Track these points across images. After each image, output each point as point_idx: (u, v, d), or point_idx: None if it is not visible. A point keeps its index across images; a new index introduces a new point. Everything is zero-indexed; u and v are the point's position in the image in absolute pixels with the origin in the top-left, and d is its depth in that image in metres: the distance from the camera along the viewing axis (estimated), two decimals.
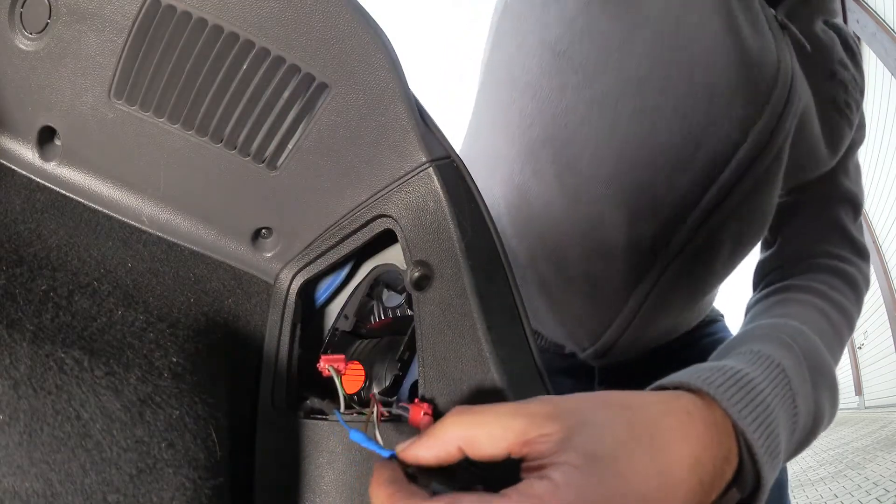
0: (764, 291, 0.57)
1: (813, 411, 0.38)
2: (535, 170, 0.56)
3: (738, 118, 0.49)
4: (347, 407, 0.35)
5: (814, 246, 0.60)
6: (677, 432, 0.28)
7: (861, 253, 0.60)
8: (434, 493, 0.25)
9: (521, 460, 0.26)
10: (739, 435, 0.31)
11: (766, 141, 0.49)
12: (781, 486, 0.64)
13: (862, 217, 0.64)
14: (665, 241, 0.52)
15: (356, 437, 0.30)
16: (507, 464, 0.26)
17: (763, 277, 0.61)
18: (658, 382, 0.34)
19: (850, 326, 0.54)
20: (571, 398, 0.28)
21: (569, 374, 0.65)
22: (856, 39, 0.61)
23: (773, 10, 0.52)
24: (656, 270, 0.53)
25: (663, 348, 0.63)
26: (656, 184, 0.51)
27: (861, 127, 0.64)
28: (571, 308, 0.57)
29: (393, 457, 0.28)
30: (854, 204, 0.63)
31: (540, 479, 0.25)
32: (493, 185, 0.60)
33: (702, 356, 0.61)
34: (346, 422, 0.32)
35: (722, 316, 0.74)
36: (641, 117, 0.50)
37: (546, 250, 0.56)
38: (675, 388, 0.33)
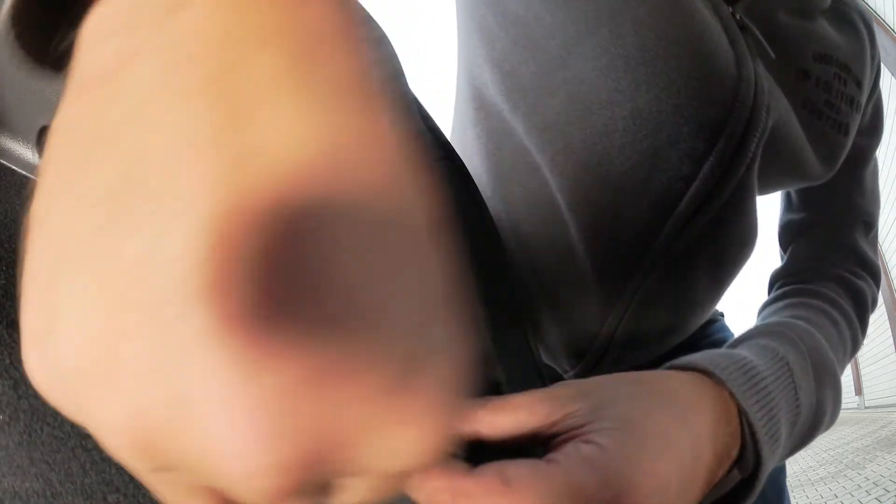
0: (775, 295, 0.56)
1: (815, 407, 0.39)
2: (503, 196, 0.53)
3: (686, 152, 0.43)
4: None
5: (826, 267, 0.58)
6: (695, 403, 0.29)
7: (873, 272, 0.58)
8: None
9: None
10: (743, 416, 0.31)
11: (721, 175, 0.44)
12: (781, 489, 0.63)
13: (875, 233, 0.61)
14: (632, 267, 0.49)
15: None
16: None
17: (773, 286, 0.60)
18: (668, 363, 0.35)
19: (856, 340, 0.53)
20: (589, 380, 0.29)
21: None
22: (857, 6, 0.54)
23: (730, 8, 0.45)
24: (626, 296, 0.50)
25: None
26: (617, 209, 0.48)
27: (874, 131, 0.59)
28: (548, 336, 0.55)
29: None
30: (869, 223, 0.60)
31: (586, 443, 0.25)
32: None
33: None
34: None
35: (722, 315, 0.73)
36: (593, 141, 0.46)
37: (522, 276, 0.55)
38: (683, 369, 0.34)
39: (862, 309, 0.56)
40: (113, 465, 0.31)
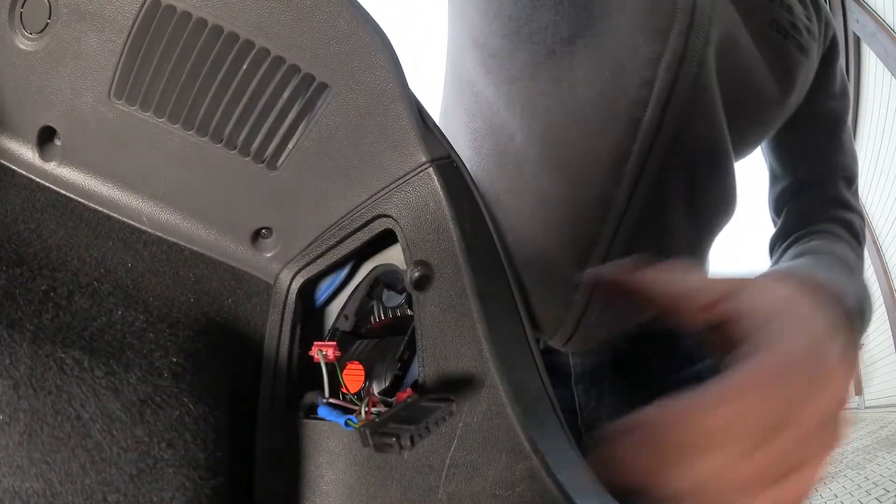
0: (781, 251, 0.61)
1: (859, 302, 0.47)
2: (479, 162, 0.57)
3: (645, 57, 0.49)
4: (334, 397, 0.36)
5: (818, 216, 0.63)
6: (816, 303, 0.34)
7: (859, 214, 0.64)
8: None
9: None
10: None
11: (675, 71, 0.49)
12: None
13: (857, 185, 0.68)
14: (608, 202, 0.51)
15: (322, 411, 0.32)
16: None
17: (773, 248, 0.65)
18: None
19: (862, 265, 0.60)
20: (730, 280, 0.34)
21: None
22: None
23: None
24: (605, 236, 0.51)
25: (637, 340, 0.61)
26: (587, 139, 0.51)
27: (844, 96, 0.65)
28: (533, 294, 0.55)
29: (355, 428, 0.29)
30: (849, 178, 0.66)
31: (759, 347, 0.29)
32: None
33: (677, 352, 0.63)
34: (332, 412, 0.33)
35: None
36: (560, 79, 0.51)
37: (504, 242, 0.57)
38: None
39: (857, 239, 0.62)
40: (113, 465, 0.31)
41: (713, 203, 0.56)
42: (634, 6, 0.49)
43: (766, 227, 0.70)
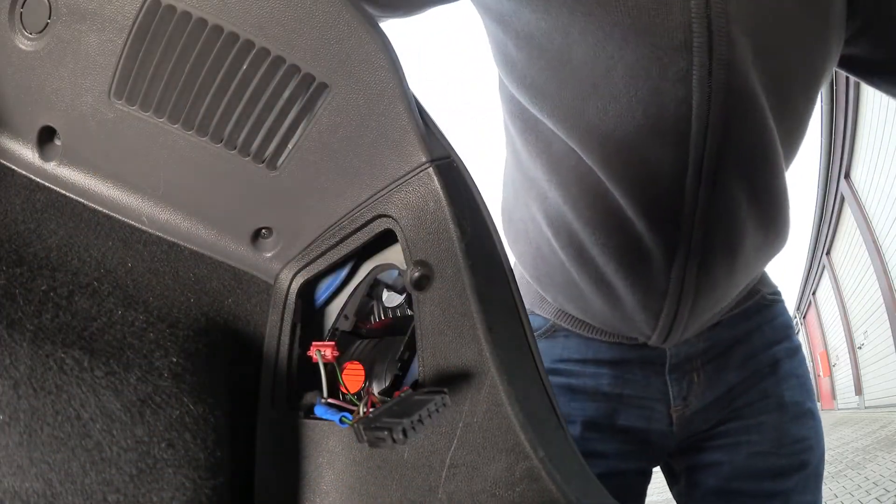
0: None
1: None
2: (559, 184, 0.60)
3: (676, 76, 0.51)
4: (333, 397, 0.36)
5: None
6: None
7: None
8: None
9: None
10: None
11: (708, 83, 0.50)
12: (818, 475, 0.67)
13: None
14: (676, 210, 0.54)
15: (319, 410, 0.33)
16: None
17: None
18: None
19: None
20: None
21: (641, 364, 0.67)
22: None
23: None
24: (683, 242, 0.55)
25: (727, 329, 0.66)
26: (645, 157, 0.53)
27: None
28: (624, 301, 0.60)
29: (349, 425, 0.29)
30: None
31: None
32: (530, 202, 0.65)
33: (766, 343, 0.67)
34: (328, 410, 0.33)
35: (780, 294, 0.75)
36: (605, 109, 0.53)
37: (588, 255, 0.60)
38: None
39: None
40: (113, 465, 0.31)
41: (774, 202, 0.58)
42: (649, 25, 0.50)
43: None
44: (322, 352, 0.36)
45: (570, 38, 0.53)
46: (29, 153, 0.39)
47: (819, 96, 0.61)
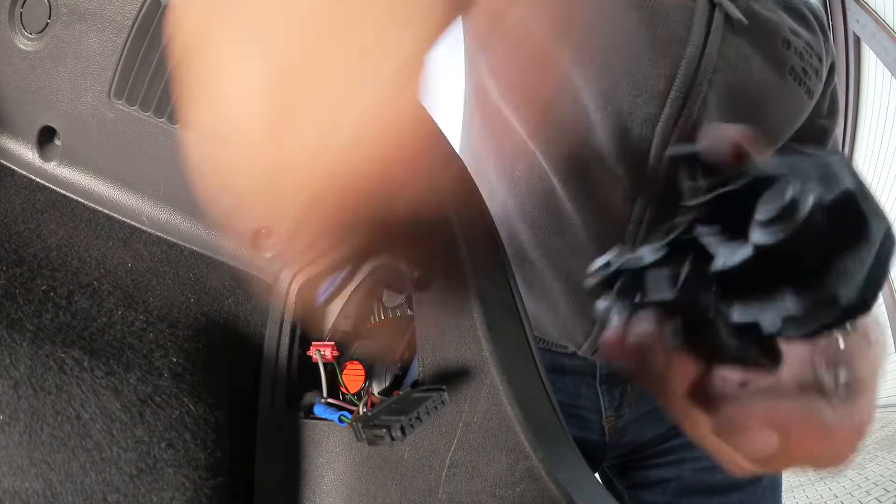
0: None
1: None
2: (508, 180, 0.61)
3: (643, 118, 0.53)
4: (333, 397, 0.36)
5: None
6: None
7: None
8: None
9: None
10: None
11: (668, 135, 0.53)
12: (776, 486, 0.65)
13: None
14: (623, 226, 0.56)
15: (318, 409, 0.33)
16: None
17: None
18: None
19: None
20: None
21: (572, 373, 0.66)
22: (810, 5, 0.62)
23: None
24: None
25: None
26: (601, 180, 0.55)
27: (833, 115, 0.66)
28: (559, 306, 0.60)
29: (348, 423, 0.29)
30: None
31: None
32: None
33: None
34: (328, 410, 0.33)
35: None
36: (576, 120, 0.55)
37: (527, 257, 0.61)
38: None
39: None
40: (113, 465, 0.31)
41: None
42: (637, 63, 0.52)
43: None
44: (322, 352, 0.36)
45: (559, 44, 0.54)
46: (29, 153, 0.39)
47: None
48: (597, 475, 0.70)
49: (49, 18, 0.34)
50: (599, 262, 0.27)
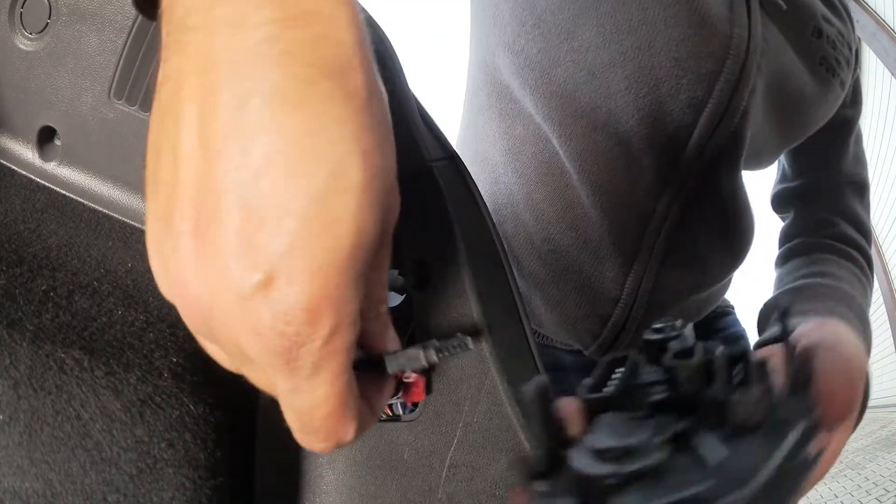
0: (794, 246, 0.62)
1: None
2: (516, 169, 0.56)
3: (686, 102, 0.48)
4: None
5: (828, 227, 0.63)
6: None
7: (864, 232, 0.64)
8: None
9: None
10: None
11: (718, 121, 0.48)
12: None
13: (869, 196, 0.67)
14: (644, 224, 0.52)
15: None
16: None
17: (783, 242, 0.65)
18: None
19: (870, 296, 0.60)
20: None
21: (572, 369, 0.64)
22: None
23: None
24: (645, 250, 0.53)
25: None
26: (625, 164, 0.51)
27: (856, 104, 0.64)
28: (567, 306, 0.57)
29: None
30: (858, 183, 0.65)
31: None
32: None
33: None
34: None
35: (733, 308, 0.74)
36: (599, 104, 0.50)
37: (535, 248, 0.57)
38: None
39: (870, 265, 0.62)
40: (113, 465, 0.31)
41: (738, 227, 0.57)
42: (682, 41, 0.46)
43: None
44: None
45: (582, 19, 0.48)
46: (29, 153, 0.39)
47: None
48: None
49: (49, 18, 0.34)
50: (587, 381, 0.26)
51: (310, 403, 0.21)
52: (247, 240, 0.17)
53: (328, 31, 0.18)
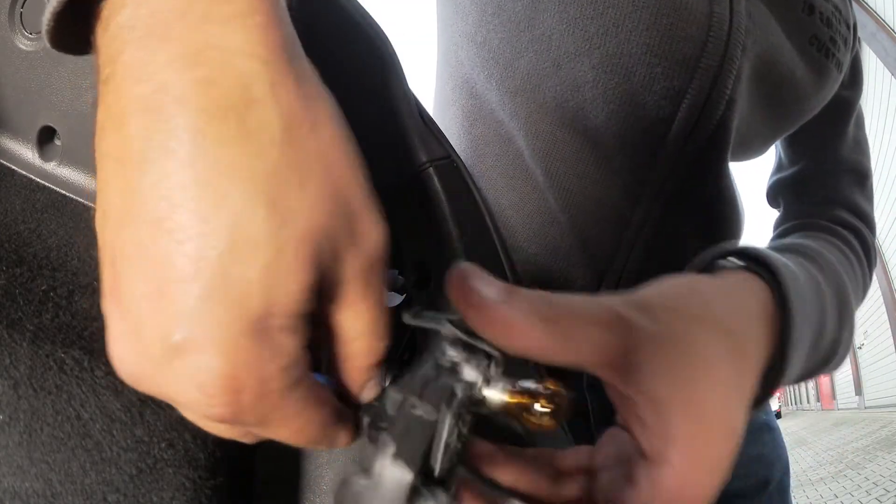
0: (790, 224, 0.56)
1: (830, 344, 0.37)
2: (481, 172, 0.52)
3: (662, 93, 0.42)
4: None
5: (826, 213, 0.57)
6: (746, 322, 0.28)
7: (867, 222, 0.58)
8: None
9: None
10: (784, 334, 0.29)
11: (699, 114, 0.43)
12: (783, 489, 0.64)
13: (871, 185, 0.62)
14: (619, 233, 0.48)
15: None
16: None
17: (777, 228, 0.60)
18: (716, 251, 0.33)
19: (866, 286, 0.53)
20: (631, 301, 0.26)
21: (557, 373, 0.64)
22: None
23: None
24: (615, 266, 0.49)
25: None
26: (596, 166, 0.46)
27: (855, 84, 0.59)
28: None
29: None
30: (858, 171, 0.60)
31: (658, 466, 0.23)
32: None
33: None
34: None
35: None
36: (566, 97, 0.45)
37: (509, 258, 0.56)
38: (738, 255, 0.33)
39: (868, 252, 0.55)
40: (113, 465, 0.31)
41: (725, 227, 0.53)
42: (654, 24, 0.41)
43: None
44: None
45: (544, 4, 0.44)
46: (29, 153, 0.39)
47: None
48: None
49: None
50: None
51: (286, 437, 0.21)
52: (153, 305, 0.16)
53: (228, 61, 0.16)
